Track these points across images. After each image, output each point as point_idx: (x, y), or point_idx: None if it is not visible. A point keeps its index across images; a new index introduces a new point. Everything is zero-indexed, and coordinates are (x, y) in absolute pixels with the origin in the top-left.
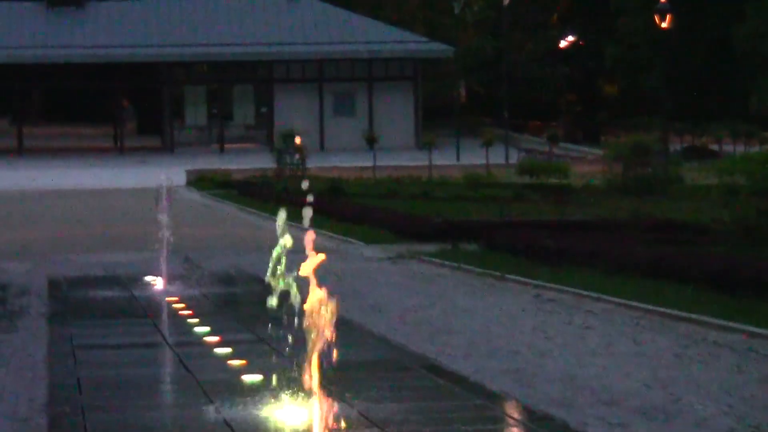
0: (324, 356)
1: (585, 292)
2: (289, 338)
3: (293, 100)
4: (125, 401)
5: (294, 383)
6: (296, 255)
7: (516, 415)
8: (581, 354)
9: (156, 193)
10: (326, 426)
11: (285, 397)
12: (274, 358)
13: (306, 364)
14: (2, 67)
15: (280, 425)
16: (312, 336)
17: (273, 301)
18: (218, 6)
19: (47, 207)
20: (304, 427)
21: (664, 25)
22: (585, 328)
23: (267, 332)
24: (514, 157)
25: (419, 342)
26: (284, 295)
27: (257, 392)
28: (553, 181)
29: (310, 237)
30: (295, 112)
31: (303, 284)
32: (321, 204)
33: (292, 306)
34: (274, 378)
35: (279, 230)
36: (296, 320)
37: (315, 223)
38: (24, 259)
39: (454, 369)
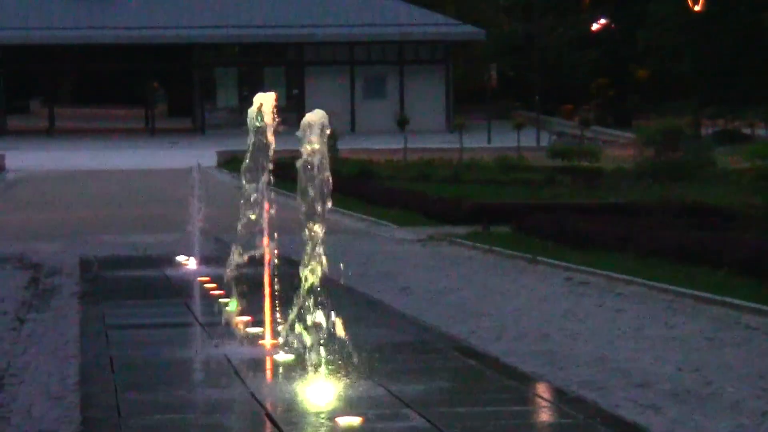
0: (355, 337)
1: (617, 275)
2: (321, 319)
3: (324, 83)
4: (157, 381)
5: (325, 364)
6: (329, 236)
7: (547, 397)
8: (613, 337)
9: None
10: (358, 406)
11: (316, 377)
12: (306, 339)
13: (337, 345)
14: (34, 48)
15: (311, 405)
16: (343, 317)
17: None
18: None
19: (78, 188)
20: (335, 407)
21: (696, 9)
22: (616, 311)
23: (299, 313)
24: (546, 141)
25: (450, 324)
26: (318, 276)
27: (289, 372)
28: (584, 164)
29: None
30: (326, 95)
31: (335, 266)
32: (352, 186)
33: (324, 287)
34: (306, 358)
35: None
36: (328, 301)
37: (346, 206)
38: (56, 240)
39: (485, 351)
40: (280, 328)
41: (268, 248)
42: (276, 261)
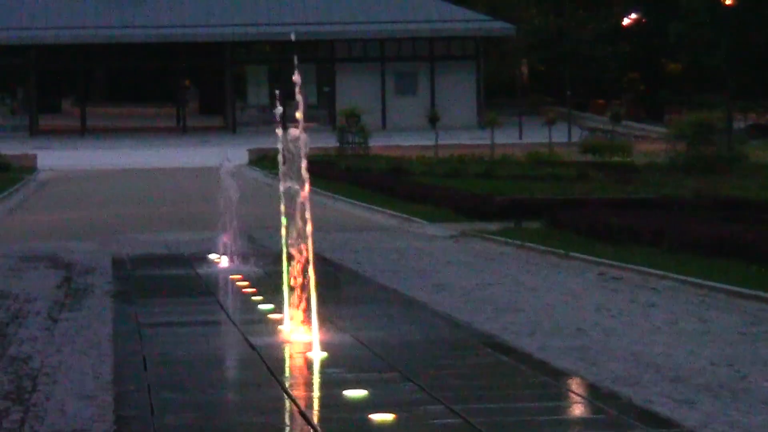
0: (389, 334)
1: (650, 270)
2: (354, 316)
3: (355, 80)
4: (190, 379)
5: (358, 360)
6: (361, 233)
7: (581, 392)
8: (646, 332)
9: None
10: (392, 403)
11: (350, 374)
12: (339, 336)
13: (370, 342)
14: (66, 47)
15: (345, 402)
16: (376, 314)
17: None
18: None
19: (110, 186)
20: (370, 404)
21: (728, 1)
22: (650, 306)
23: (332, 310)
24: (577, 136)
25: (483, 320)
26: (349, 273)
27: (322, 370)
28: (615, 159)
29: None
30: (357, 92)
31: (368, 264)
32: (383, 183)
33: (356, 284)
34: (340, 356)
35: None
36: (361, 298)
37: (378, 203)
38: (88, 238)
39: (518, 346)
40: (313, 325)
41: (302, 246)
42: (310, 258)
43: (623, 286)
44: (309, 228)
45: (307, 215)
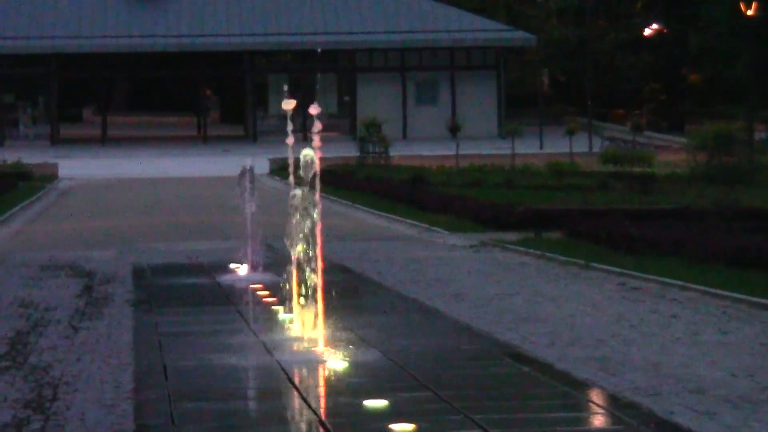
0: (408, 344)
1: (670, 281)
2: (374, 325)
3: (376, 89)
4: (211, 388)
5: (379, 371)
6: (382, 243)
7: (601, 403)
8: (667, 342)
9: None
10: (412, 413)
11: (371, 384)
12: (359, 346)
13: (391, 352)
14: (87, 56)
15: (364, 412)
16: (396, 323)
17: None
18: None
19: (131, 195)
20: (390, 414)
21: (749, 12)
22: (670, 317)
23: (352, 319)
24: (598, 146)
25: (503, 330)
26: (370, 282)
27: (343, 380)
28: (636, 169)
29: None
30: (377, 101)
31: (388, 273)
32: (404, 193)
33: (376, 293)
34: (360, 366)
35: None
36: (381, 308)
37: (398, 212)
38: (108, 247)
39: (538, 357)
40: (332, 335)
41: (321, 255)
42: (330, 267)
43: (644, 297)
44: (329, 237)
45: (327, 224)
